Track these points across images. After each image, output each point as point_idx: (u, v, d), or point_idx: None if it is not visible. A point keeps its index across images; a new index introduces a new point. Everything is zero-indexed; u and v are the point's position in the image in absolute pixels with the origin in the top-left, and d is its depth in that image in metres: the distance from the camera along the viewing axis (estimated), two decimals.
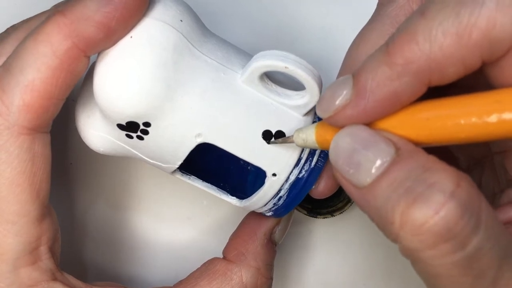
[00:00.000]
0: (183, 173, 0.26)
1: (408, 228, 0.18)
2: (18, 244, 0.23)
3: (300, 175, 0.25)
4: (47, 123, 0.23)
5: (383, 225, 0.19)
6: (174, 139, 0.24)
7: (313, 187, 0.26)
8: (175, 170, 0.26)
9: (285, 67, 0.23)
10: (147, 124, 0.23)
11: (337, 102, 0.20)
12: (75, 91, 0.25)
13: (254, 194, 0.26)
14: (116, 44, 0.22)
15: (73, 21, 0.21)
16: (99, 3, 0.22)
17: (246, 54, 0.25)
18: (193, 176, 0.27)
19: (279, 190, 0.25)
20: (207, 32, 0.25)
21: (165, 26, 0.23)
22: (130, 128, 0.23)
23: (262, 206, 0.26)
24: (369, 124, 0.20)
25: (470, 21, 0.18)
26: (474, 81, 0.20)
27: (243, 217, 0.30)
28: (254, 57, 0.23)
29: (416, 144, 0.19)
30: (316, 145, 0.23)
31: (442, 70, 0.18)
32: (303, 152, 0.25)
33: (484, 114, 0.17)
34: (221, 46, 0.25)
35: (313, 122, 0.25)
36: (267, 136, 0.24)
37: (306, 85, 0.23)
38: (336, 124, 0.20)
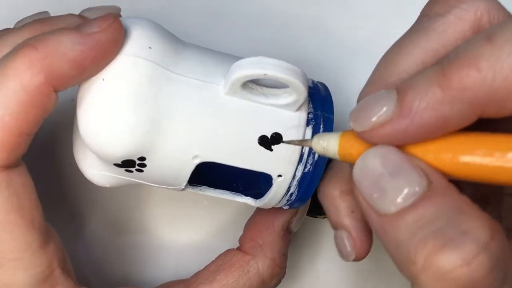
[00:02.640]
0: (193, 186, 0.26)
1: (431, 273, 0.17)
2: (30, 278, 0.22)
3: (306, 170, 0.25)
4: (19, 158, 0.22)
5: (401, 261, 0.18)
6: (172, 166, 0.23)
7: (354, 256, 0.25)
8: (183, 188, 0.25)
9: (264, 74, 0.22)
10: (142, 159, 0.23)
11: (375, 118, 0.18)
12: (75, 89, 0.24)
13: (265, 195, 0.26)
14: (91, 89, 0.22)
15: (46, 57, 0.21)
16: (74, 40, 0.21)
17: (225, 59, 0.24)
18: (203, 186, 0.26)
19: (289, 188, 0.25)
20: (179, 46, 0.24)
21: (135, 59, 0.22)
22: (127, 165, 0.23)
23: (277, 204, 0.26)
24: (402, 146, 0.19)
25: None
26: None
27: (244, 217, 0.30)
28: (231, 68, 0.23)
29: (449, 175, 0.18)
30: (337, 157, 0.21)
31: (500, 103, 0.17)
32: (304, 148, 0.25)
33: None
34: (197, 58, 0.24)
35: (308, 115, 0.24)
36: (264, 141, 0.24)
37: (290, 86, 0.23)
38: (369, 140, 0.19)
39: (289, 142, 0.24)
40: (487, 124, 0.18)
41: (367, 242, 0.25)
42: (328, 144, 0.21)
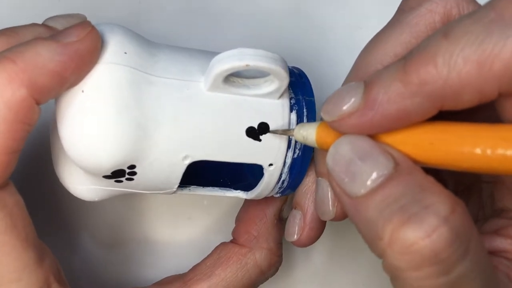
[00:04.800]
0: (182, 187, 0.26)
1: (396, 247, 0.18)
2: None
3: (295, 155, 0.25)
4: (8, 177, 0.21)
5: (371, 239, 0.19)
6: (163, 169, 0.23)
7: (295, 237, 0.26)
8: (174, 191, 0.26)
9: (246, 65, 0.22)
10: (132, 167, 0.23)
11: (344, 108, 0.19)
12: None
13: (257, 186, 0.26)
14: (71, 103, 0.21)
15: (26, 70, 0.20)
16: (53, 51, 0.20)
17: (200, 56, 0.24)
18: (192, 186, 0.26)
19: (280, 175, 0.25)
20: (153, 48, 0.24)
21: (112, 66, 0.21)
22: (117, 175, 0.23)
23: (269, 193, 0.27)
24: (372, 135, 0.20)
25: (494, 52, 0.17)
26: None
27: None
28: (211, 63, 0.22)
29: (416, 162, 0.19)
30: (316, 145, 0.22)
31: (457, 96, 0.18)
32: None
33: (488, 148, 0.17)
34: (173, 58, 0.24)
35: (290, 100, 0.25)
36: (252, 132, 0.24)
37: (272, 73, 0.23)
38: (338, 129, 0.20)
39: (273, 132, 0.24)
40: (460, 114, 0.19)
41: (314, 233, 0.26)
42: (307, 134, 0.22)
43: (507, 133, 0.17)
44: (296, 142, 0.25)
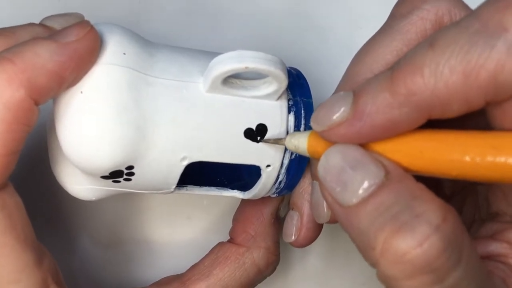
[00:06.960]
0: (179, 187, 0.26)
1: (389, 256, 0.17)
2: None
3: (293, 156, 0.25)
4: (7, 178, 0.21)
5: (364, 248, 0.19)
6: (161, 170, 0.23)
7: (293, 238, 0.26)
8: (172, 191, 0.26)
9: (245, 67, 0.22)
10: (130, 167, 0.23)
11: (333, 117, 0.19)
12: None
13: (255, 187, 0.26)
14: (70, 104, 0.21)
15: (25, 70, 0.20)
16: (52, 51, 0.20)
17: (199, 57, 0.24)
18: (189, 186, 0.26)
19: (278, 176, 0.26)
20: (152, 49, 0.23)
21: (111, 67, 0.21)
22: (115, 175, 0.23)
23: (266, 193, 0.27)
24: (362, 144, 0.20)
25: (479, 62, 0.17)
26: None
27: None
28: (211, 65, 0.22)
29: (406, 170, 0.19)
30: (307, 154, 0.22)
31: (444, 106, 0.18)
32: None
33: (478, 156, 0.17)
34: (172, 59, 0.23)
35: (288, 102, 0.25)
36: (250, 134, 0.24)
37: (271, 75, 0.23)
38: (328, 139, 0.20)
39: (265, 141, 0.24)
40: (450, 121, 0.19)
41: (311, 234, 0.26)
42: (299, 143, 0.22)
43: (496, 140, 0.17)
44: None
